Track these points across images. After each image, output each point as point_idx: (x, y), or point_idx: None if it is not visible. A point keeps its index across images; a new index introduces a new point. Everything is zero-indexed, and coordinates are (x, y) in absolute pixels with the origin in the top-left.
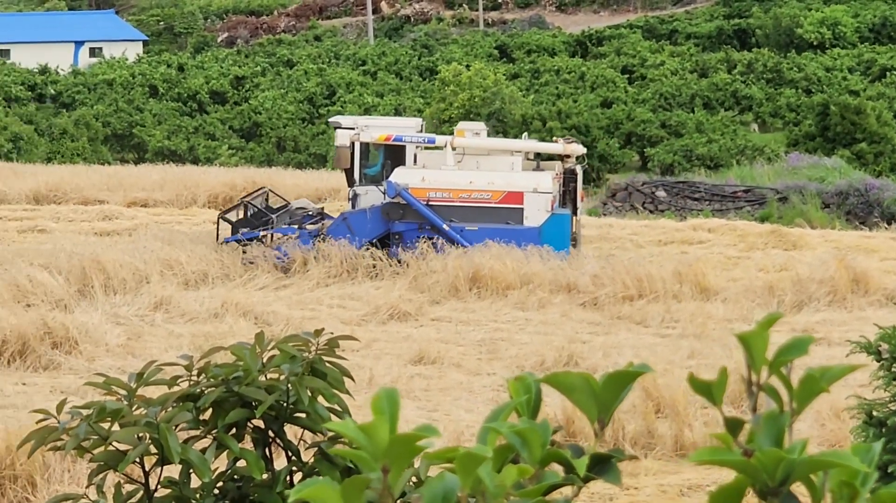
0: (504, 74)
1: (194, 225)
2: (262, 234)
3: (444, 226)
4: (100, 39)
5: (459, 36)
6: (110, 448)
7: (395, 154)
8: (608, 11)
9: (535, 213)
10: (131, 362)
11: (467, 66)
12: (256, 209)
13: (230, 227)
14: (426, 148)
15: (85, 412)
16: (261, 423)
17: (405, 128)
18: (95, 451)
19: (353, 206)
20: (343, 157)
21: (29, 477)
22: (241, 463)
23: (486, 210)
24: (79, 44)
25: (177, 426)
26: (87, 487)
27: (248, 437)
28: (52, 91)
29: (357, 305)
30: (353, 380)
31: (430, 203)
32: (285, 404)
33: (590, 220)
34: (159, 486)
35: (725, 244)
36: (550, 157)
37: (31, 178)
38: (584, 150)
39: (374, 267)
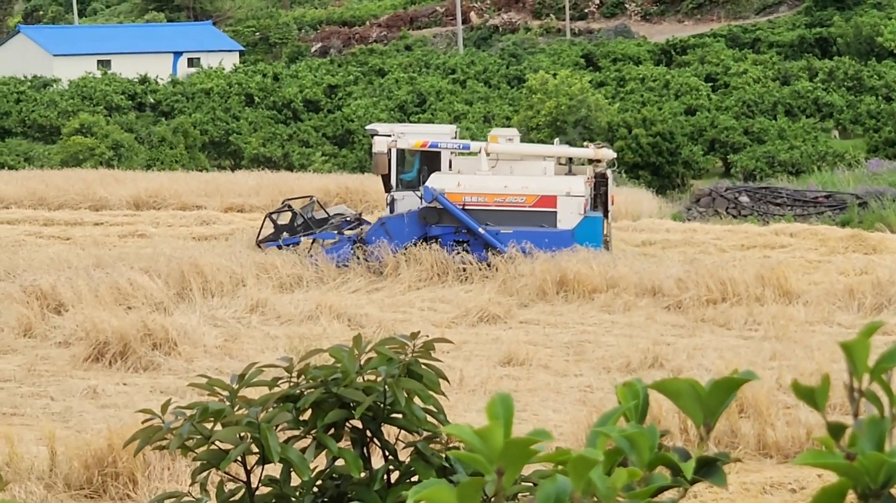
0: (590, 82)
1: None
2: (302, 240)
3: (480, 229)
4: (198, 50)
5: (547, 45)
6: (213, 447)
7: (430, 160)
8: (692, 20)
9: (569, 216)
10: (228, 363)
11: (554, 75)
12: (300, 216)
13: (274, 230)
14: (461, 154)
15: (188, 412)
16: (359, 424)
17: (440, 134)
18: (198, 450)
19: (391, 211)
20: (381, 164)
21: (130, 474)
22: (340, 462)
23: (521, 214)
24: (177, 54)
25: (277, 426)
26: (189, 485)
27: (346, 437)
28: (152, 100)
29: (447, 308)
30: (448, 381)
31: (466, 207)
32: (382, 405)
33: (674, 225)
34: (260, 485)
35: (807, 248)
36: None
37: (132, 184)
38: (615, 155)
39: (464, 270)
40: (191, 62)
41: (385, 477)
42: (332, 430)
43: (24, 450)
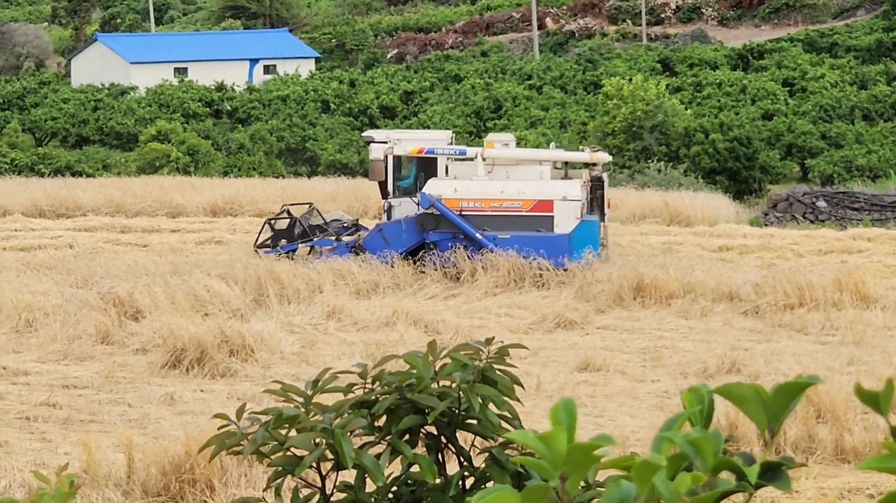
0: (666, 88)
1: None
2: (300, 246)
3: (478, 234)
4: (274, 57)
5: (623, 50)
6: (288, 453)
7: (427, 166)
8: (769, 25)
9: (565, 221)
10: (305, 370)
11: (630, 80)
12: (299, 224)
13: (272, 236)
14: (457, 159)
15: (263, 418)
16: (433, 429)
17: (436, 140)
18: (273, 456)
19: (389, 218)
20: (378, 170)
21: (207, 481)
22: (415, 468)
23: (518, 218)
24: (254, 61)
25: (352, 432)
26: (264, 490)
27: (421, 443)
28: (228, 107)
29: (524, 314)
30: (522, 387)
31: (463, 213)
32: (457, 411)
33: (751, 231)
34: (335, 491)
35: (885, 253)
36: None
37: (209, 191)
38: (610, 158)
39: (541, 276)
40: (267, 69)
41: (460, 483)
42: (406, 436)
43: (101, 457)
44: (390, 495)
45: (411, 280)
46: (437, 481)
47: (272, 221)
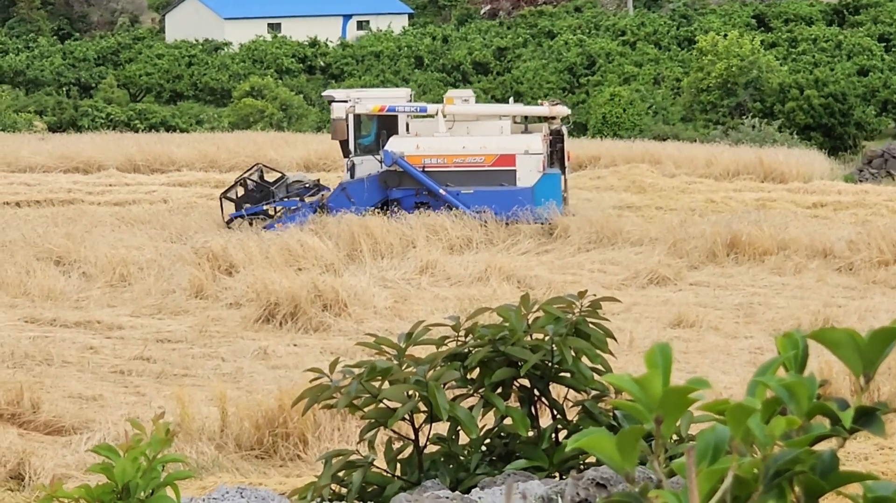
0: (761, 43)
1: None
2: (265, 206)
3: (441, 190)
4: (367, 13)
5: (717, 6)
6: (381, 405)
7: (388, 124)
8: None
9: (528, 174)
10: (398, 324)
11: (725, 36)
12: (255, 184)
13: (234, 204)
14: (417, 116)
15: (356, 371)
16: (526, 382)
17: (396, 98)
18: (366, 409)
19: (352, 176)
20: (339, 129)
21: (301, 435)
22: (508, 420)
23: (480, 173)
24: (347, 17)
25: (445, 384)
26: (357, 443)
27: (514, 396)
28: (322, 63)
29: (617, 270)
30: (615, 340)
31: (426, 169)
32: (550, 364)
33: (846, 187)
34: (428, 443)
35: None
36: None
37: (302, 146)
38: (569, 112)
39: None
40: (360, 25)
41: (553, 435)
42: (499, 389)
43: (195, 411)
44: (483, 447)
45: (504, 235)
46: (530, 434)
47: (228, 194)
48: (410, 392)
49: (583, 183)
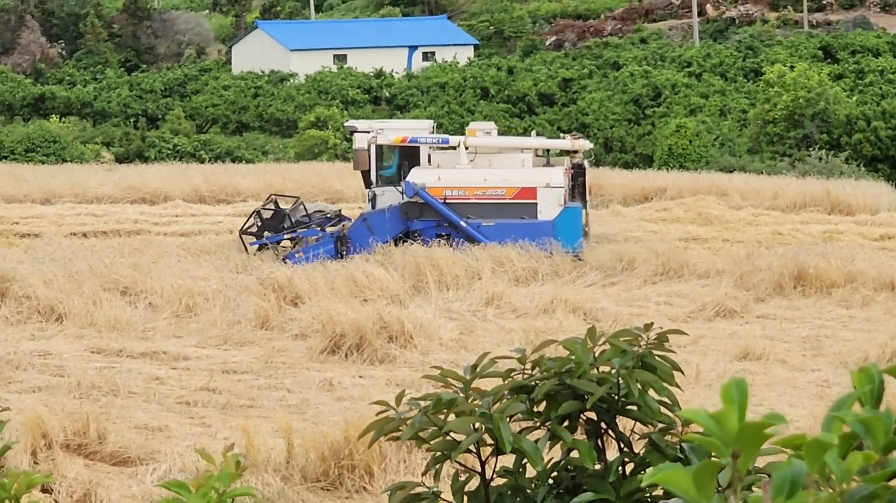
0: (828, 75)
1: None
2: (286, 236)
3: (462, 222)
4: (432, 44)
5: (784, 37)
6: (446, 438)
7: (410, 155)
8: None
9: (549, 208)
10: (464, 356)
11: (791, 67)
12: (273, 212)
13: (254, 237)
14: (439, 148)
15: (422, 403)
16: (593, 415)
17: (419, 129)
18: (432, 441)
19: (373, 207)
20: (361, 160)
21: (366, 466)
22: (574, 453)
23: (501, 206)
24: (412, 48)
25: (511, 417)
26: (423, 475)
27: (580, 428)
28: (387, 94)
29: (683, 302)
30: (682, 373)
31: (447, 201)
32: (616, 396)
33: None
34: (495, 475)
35: None
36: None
37: None
38: (591, 146)
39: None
40: (425, 56)
41: (619, 468)
42: (566, 422)
43: (261, 442)
44: (550, 480)
45: (570, 267)
46: (597, 467)
47: (261, 212)
48: (476, 424)
49: (649, 215)
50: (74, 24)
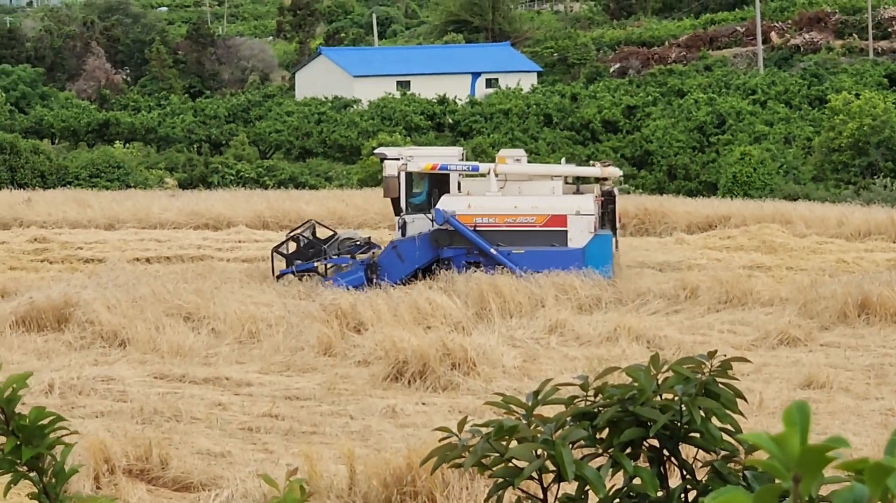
0: (893, 103)
1: None
2: (316, 264)
3: (492, 250)
4: (496, 71)
5: (849, 65)
6: (508, 464)
7: (439, 182)
8: None
9: (579, 235)
10: (527, 384)
11: (857, 95)
12: (308, 241)
13: (285, 260)
14: (469, 175)
15: (484, 430)
16: (655, 442)
17: (448, 156)
18: (494, 468)
19: (403, 234)
20: (391, 187)
21: (429, 493)
22: (637, 481)
23: (532, 234)
24: (476, 75)
25: (573, 443)
26: (485, 502)
27: (643, 456)
28: (451, 120)
29: (747, 331)
30: (745, 400)
31: (477, 228)
32: (679, 424)
33: None
34: (557, 502)
35: None
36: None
37: None
38: (621, 173)
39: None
40: (489, 83)
41: (682, 495)
42: (628, 449)
43: (323, 469)
44: None
45: (633, 295)
46: (660, 494)
47: (280, 249)
48: (538, 451)
49: (713, 243)
50: (139, 50)
